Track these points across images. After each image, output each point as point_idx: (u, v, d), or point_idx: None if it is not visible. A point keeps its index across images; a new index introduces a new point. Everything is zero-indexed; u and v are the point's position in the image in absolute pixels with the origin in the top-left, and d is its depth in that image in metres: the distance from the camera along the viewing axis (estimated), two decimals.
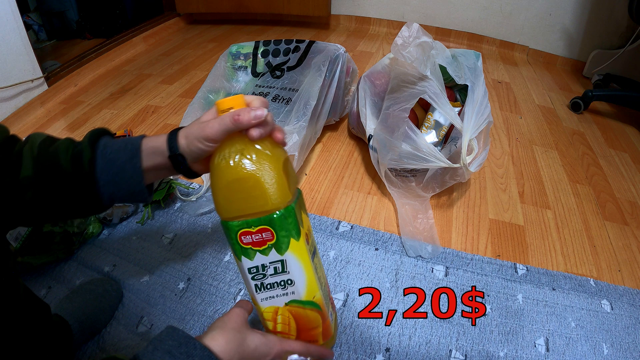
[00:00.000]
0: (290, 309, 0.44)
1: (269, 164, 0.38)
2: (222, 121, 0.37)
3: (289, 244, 0.40)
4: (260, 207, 0.38)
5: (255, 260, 0.41)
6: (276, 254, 0.41)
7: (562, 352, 0.62)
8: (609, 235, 0.86)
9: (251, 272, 0.42)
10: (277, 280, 0.42)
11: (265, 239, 0.40)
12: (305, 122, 0.84)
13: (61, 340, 0.53)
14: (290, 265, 0.41)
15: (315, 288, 0.45)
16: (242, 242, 0.40)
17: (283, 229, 0.40)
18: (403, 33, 0.81)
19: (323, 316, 0.47)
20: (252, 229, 0.39)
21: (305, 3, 1.83)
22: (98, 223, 0.76)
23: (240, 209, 0.39)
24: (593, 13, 1.59)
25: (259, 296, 0.44)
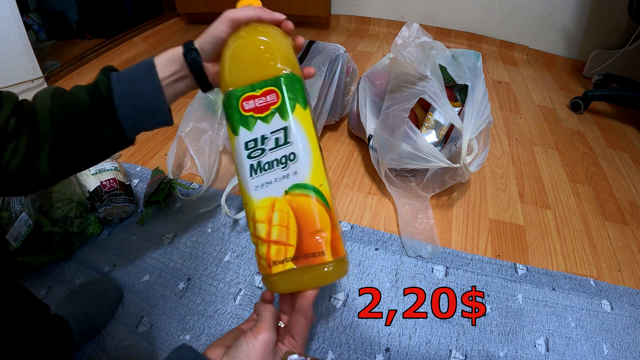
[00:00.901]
0: (290, 199, 0.36)
1: (280, 37, 0.40)
2: (245, 9, 0.39)
3: (294, 107, 0.36)
4: (268, 70, 0.37)
5: (254, 130, 0.36)
6: (279, 120, 0.36)
7: (562, 352, 0.62)
8: (609, 235, 0.86)
9: (248, 146, 0.36)
10: (277, 157, 0.36)
11: (270, 102, 0.36)
12: None
13: (61, 340, 0.53)
14: (293, 134, 0.36)
15: (322, 174, 0.37)
16: (244, 108, 0.36)
17: (289, 90, 0.37)
18: (403, 33, 0.81)
19: (331, 217, 0.36)
20: (257, 92, 0.36)
21: (305, 3, 1.83)
22: (98, 223, 0.76)
23: (247, 74, 0.37)
24: (593, 13, 1.60)
25: (252, 182, 0.36)
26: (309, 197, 0.36)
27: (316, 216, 0.36)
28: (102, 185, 0.76)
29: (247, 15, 0.39)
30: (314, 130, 0.38)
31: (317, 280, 0.37)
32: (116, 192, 0.76)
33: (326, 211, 0.36)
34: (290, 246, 0.36)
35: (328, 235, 0.36)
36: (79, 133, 0.38)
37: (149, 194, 0.79)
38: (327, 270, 0.36)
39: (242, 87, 0.37)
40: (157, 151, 1.02)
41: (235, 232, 0.78)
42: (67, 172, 0.41)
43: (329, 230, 0.36)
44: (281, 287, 0.37)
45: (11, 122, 0.36)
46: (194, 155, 0.89)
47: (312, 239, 0.36)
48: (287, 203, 0.36)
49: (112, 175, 0.78)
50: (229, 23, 0.39)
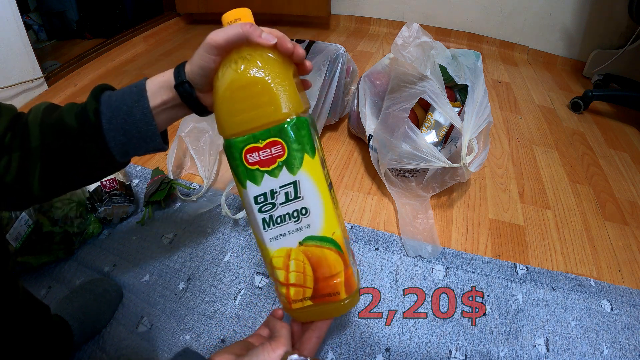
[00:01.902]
0: (305, 249, 0.37)
1: (279, 69, 0.34)
2: (229, 28, 0.34)
3: (302, 160, 0.35)
4: (269, 116, 0.34)
5: (262, 185, 0.35)
6: (288, 174, 0.35)
7: (562, 352, 0.62)
8: (609, 235, 0.86)
9: (258, 201, 0.35)
10: (289, 211, 0.36)
11: (275, 154, 0.34)
12: None
13: (61, 340, 0.53)
14: (304, 188, 0.35)
15: (335, 222, 0.38)
16: (248, 161, 0.34)
17: (296, 141, 0.34)
18: (403, 33, 0.81)
19: (344, 260, 0.39)
20: (260, 143, 0.34)
21: (305, 3, 1.83)
22: (98, 223, 0.76)
23: (246, 120, 0.34)
24: (593, 13, 1.60)
25: (267, 235, 0.37)
26: (322, 248, 0.37)
27: (330, 263, 0.38)
28: (102, 185, 0.76)
29: (233, 39, 0.34)
30: (324, 178, 0.37)
31: (333, 312, 0.41)
32: (116, 192, 0.76)
33: (339, 256, 0.38)
34: (307, 288, 0.39)
35: (341, 277, 0.39)
36: (68, 155, 0.36)
37: (150, 194, 0.79)
38: (343, 304, 0.40)
39: (242, 136, 0.34)
40: None
41: (235, 232, 0.78)
42: (58, 192, 0.40)
43: (343, 272, 0.39)
44: (300, 318, 0.42)
45: (7, 136, 0.35)
46: (194, 155, 0.89)
47: (327, 282, 0.39)
48: (302, 253, 0.37)
49: (112, 175, 0.78)
50: (215, 51, 0.34)
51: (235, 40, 0.34)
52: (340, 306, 0.40)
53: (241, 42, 0.34)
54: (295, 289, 0.38)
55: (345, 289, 0.39)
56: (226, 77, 0.34)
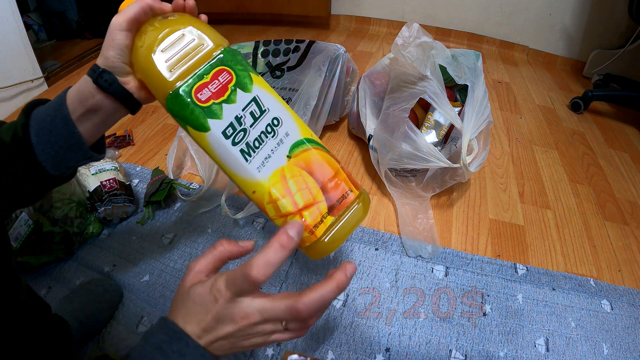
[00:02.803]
0: (296, 161, 0.34)
1: (191, 19, 0.36)
2: (131, 5, 0.34)
3: (251, 77, 0.34)
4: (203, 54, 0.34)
5: (225, 116, 0.33)
6: (244, 94, 0.34)
7: (562, 352, 0.62)
8: (609, 235, 0.86)
9: (228, 135, 0.33)
10: (262, 129, 0.34)
11: (224, 82, 0.33)
12: (305, 122, 0.84)
13: (61, 340, 0.53)
14: (265, 100, 0.34)
15: (305, 125, 0.37)
16: (201, 100, 0.32)
17: (238, 63, 0.34)
18: (403, 33, 0.81)
19: (336, 159, 0.37)
20: (206, 78, 0.33)
21: (305, 3, 1.83)
22: (98, 223, 0.76)
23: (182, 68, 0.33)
24: (593, 13, 1.60)
25: (252, 166, 0.33)
26: (310, 149, 0.35)
27: (326, 163, 0.36)
28: (102, 185, 0.76)
29: (137, 11, 0.34)
30: (274, 90, 0.36)
31: (356, 220, 0.37)
32: (116, 192, 0.76)
33: (329, 155, 0.36)
34: (320, 202, 0.34)
35: (343, 174, 0.36)
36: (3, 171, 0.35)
37: (150, 194, 0.79)
38: (360, 206, 0.37)
39: (185, 80, 0.33)
40: (157, 151, 1.02)
41: (235, 232, 0.78)
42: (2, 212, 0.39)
43: (341, 170, 0.37)
44: (331, 246, 0.36)
45: None
46: (194, 155, 0.89)
47: (334, 183, 0.35)
48: (295, 166, 0.34)
49: (112, 175, 0.78)
50: (124, 26, 0.34)
51: (140, 12, 0.34)
52: (357, 210, 0.36)
53: (146, 12, 0.35)
54: (309, 211, 0.34)
55: (353, 185, 0.37)
56: (148, 40, 0.34)
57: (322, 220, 0.34)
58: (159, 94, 0.34)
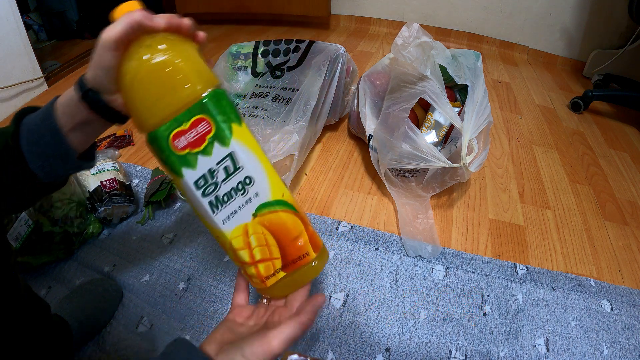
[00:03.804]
0: (261, 220, 0.36)
1: (183, 48, 0.33)
2: (119, 21, 0.32)
3: (231, 129, 0.33)
4: (186, 96, 0.32)
5: (198, 167, 0.33)
6: (221, 148, 0.33)
7: (562, 352, 0.62)
8: (609, 235, 0.86)
9: (199, 186, 0.34)
10: (233, 186, 0.34)
11: (203, 132, 0.32)
12: (305, 122, 0.84)
13: (61, 340, 0.53)
14: (241, 157, 0.34)
15: (280, 184, 0.37)
16: (177, 148, 0.32)
17: (219, 113, 0.33)
18: (403, 33, 0.81)
19: (302, 219, 0.38)
20: (185, 125, 0.32)
21: (305, 3, 1.83)
22: (98, 223, 0.76)
23: (163, 107, 0.32)
24: (593, 13, 1.60)
25: (218, 218, 0.35)
26: (277, 212, 0.36)
27: (290, 226, 0.37)
28: (102, 185, 0.76)
29: (127, 29, 0.31)
30: (256, 143, 0.36)
31: (309, 276, 0.39)
32: (116, 192, 0.76)
33: (296, 216, 0.37)
34: (276, 259, 0.37)
35: (305, 236, 0.38)
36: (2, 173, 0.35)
37: (150, 194, 0.79)
38: (315, 265, 0.39)
39: (164, 124, 0.32)
40: None
41: None
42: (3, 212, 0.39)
43: (304, 231, 0.38)
44: (277, 294, 0.39)
45: None
46: None
47: (294, 245, 0.37)
48: (259, 224, 0.36)
49: (112, 175, 0.78)
50: (113, 45, 0.31)
51: (129, 30, 0.32)
52: (312, 268, 0.39)
53: (135, 31, 0.32)
54: (264, 265, 0.37)
55: (312, 247, 0.38)
56: (132, 68, 0.32)
57: (275, 274, 0.37)
58: (140, 127, 0.34)
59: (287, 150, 0.80)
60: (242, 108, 0.93)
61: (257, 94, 0.95)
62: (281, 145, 0.80)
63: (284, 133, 0.82)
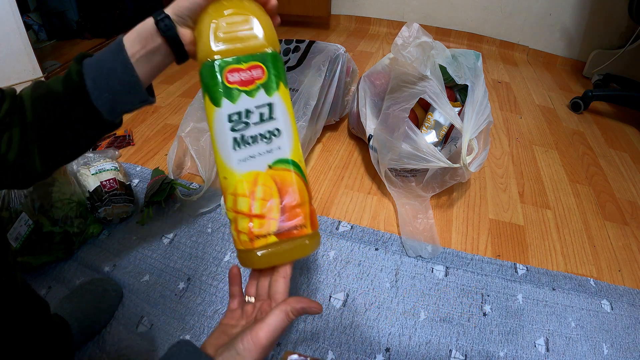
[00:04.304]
0: (274, 174, 0.36)
1: (258, 8, 0.38)
2: None
3: (279, 85, 0.37)
4: (253, 45, 0.36)
5: (238, 103, 0.35)
6: (265, 96, 0.36)
7: (562, 352, 0.62)
8: (609, 235, 0.86)
9: (232, 119, 0.35)
10: (261, 132, 0.36)
11: (255, 77, 0.36)
12: (305, 122, 0.84)
13: (61, 340, 0.53)
14: (278, 110, 0.36)
15: (300, 151, 0.38)
16: (228, 80, 0.35)
17: (274, 68, 0.37)
18: (403, 33, 0.81)
19: (309, 192, 0.39)
20: (242, 65, 0.35)
21: (305, 3, 1.83)
22: (98, 223, 0.76)
23: (232, 47, 0.36)
24: (593, 13, 1.60)
25: (235, 156, 0.35)
26: (291, 171, 0.37)
27: (297, 190, 0.37)
28: (102, 185, 0.76)
29: None
30: (291, 106, 0.39)
31: (296, 253, 0.38)
32: (116, 192, 0.76)
33: (305, 186, 0.38)
34: (273, 220, 0.36)
35: (307, 209, 0.38)
36: (58, 121, 0.38)
37: (150, 194, 0.79)
38: (307, 243, 0.38)
39: (226, 58, 0.35)
40: (157, 151, 1.02)
41: None
42: (57, 163, 0.41)
43: (308, 204, 0.38)
44: (261, 261, 0.37)
45: (8, 115, 0.37)
46: (194, 155, 0.89)
47: (294, 212, 0.36)
48: (270, 177, 0.36)
49: (112, 175, 0.78)
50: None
51: None
52: (304, 245, 0.37)
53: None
54: (259, 221, 0.35)
55: (310, 222, 0.38)
56: (218, 10, 0.36)
57: (266, 236, 0.36)
58: (201, 56, 0.36)
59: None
60: None
61: None
62: None
63: None
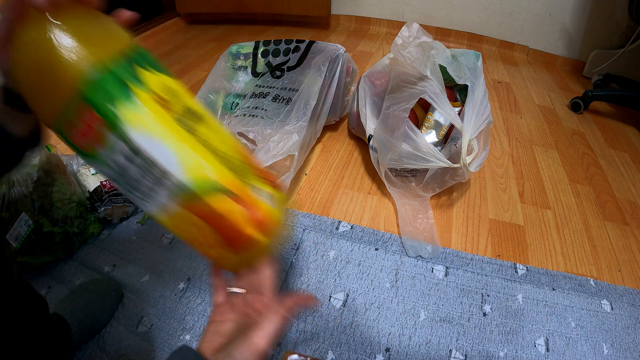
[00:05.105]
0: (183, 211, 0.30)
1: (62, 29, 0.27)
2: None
3: (116, 113, 0.28)
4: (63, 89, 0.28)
5: (99, 157, 0.30)
6: (114, 138, 0.28)
7: (562, 352, 0.62)
8: (609, 235, 0.86)
9: (107, 175, 0.31)
10: (139, 176, 0.30)
11: (91, 123, 0.28)
12: (305, 122, 0.84)
13: (61, 339, 0.53)
14: (137, 140, 0.28)
15: (199, 159, 0.30)
16: (78, 143, 0.29)
17: (102, 98, 0.28)
18: (403, 33, 0.81)
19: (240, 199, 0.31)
20: (71, 115, 0.28)
21: (305, 3, 1.83)
22: (98, 223, 0.76)
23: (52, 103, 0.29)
24: (593, 13, 1.60)
25: (143, 204, 0.31)
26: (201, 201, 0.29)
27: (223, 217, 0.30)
28: (102, 185, 0.76)
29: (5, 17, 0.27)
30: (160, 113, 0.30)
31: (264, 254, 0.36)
32: (116, 192, 0.76)
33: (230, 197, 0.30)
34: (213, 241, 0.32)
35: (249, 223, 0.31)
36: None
37: None
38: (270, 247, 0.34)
39: (55, 122, 0.30)
40: None
41: None
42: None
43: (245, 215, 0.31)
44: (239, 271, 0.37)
45: None
46: None
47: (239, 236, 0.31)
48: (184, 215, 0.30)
49: None
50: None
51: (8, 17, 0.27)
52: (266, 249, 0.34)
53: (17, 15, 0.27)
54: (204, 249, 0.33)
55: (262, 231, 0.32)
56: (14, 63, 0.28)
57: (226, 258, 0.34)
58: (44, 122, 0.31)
59: (287, 150, 0.80)
60: (242, 108, 0.94)
61: (257, 94, 0.96)
62: (281, 145, 0.80)
63: (284, 133, 0.82)
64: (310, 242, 0.76)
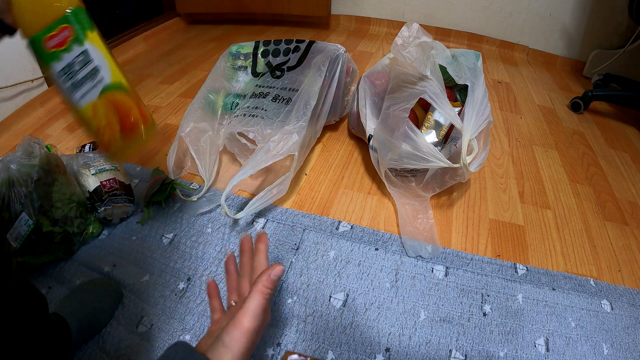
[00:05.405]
0: (104, 98, 0.50)
1: None
2: None
3: (85, 34, 0.48)
4: (55, 12, 0.45)
5: (62, 60, 0.47)
6: (78, 48, 0.47)
7: (562, 352, 0.62)
8: (609, 235, 0.86)
9: (64, 72, 0.47)
10: (85, 73, 0.49)
11: (66, 36, 0.46)
12: (305, 122, 0.84)
13: (60, 339, 0.53)
14: (92, 53, 0.49)
15: (119, 74, 0.52)
16: (49, 47, 0.46)
17: (78, 22, 0.47)
18: (403, 33, 0.81)
19: (134, 97, 0.54)
20: (54, 31, 0.46)
21: (305, 3, 1.83)
22: (98, 223, 0.76)
23: (40, 19, 0.45)
24: (593, 13, 1.60)
25: (76, 95, 0.49)
26: (115, 92, 0.51)
27: (124, 101, 0.52)
28: (102, 185, 0.76)
29: None
30: (104, 45, 0.50)
31: (140, 143, 0.55)
32: (116, 192, 0.76)
33: (129, 96, 0.53)
34: (115, 125, 0.52)
35: (135, 109, 0.53)
36: None
37: (150, 194, 0.79)
38: (144, 133, 0.55)
39: (41, 31, 0.45)
40: (157, 151, 1.02)
41: (235, 232, 0.78)
42: None
43: (135, 107, 0.53)
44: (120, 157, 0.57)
45: None
46: (194, 155, 0.89)
47: (128, 116, 0.53)
48: (103, 101, 0.50)
49: (112, 175, 0.78)
50: None
51: None
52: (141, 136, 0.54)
53: None
54: (109, 129, 0.51)
55: (142, 120, 0.54)
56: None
57: (115, 140, 0.53)
58: (24, 36, 0.46)
59: (287, 150, 0.80)
60: (242, 108, 0.93)
61: (257, 94, 0.96)
62: (281, 145, 0.80)
63: (284, 133, 0.82)
64: (310, 242, 0.76)
